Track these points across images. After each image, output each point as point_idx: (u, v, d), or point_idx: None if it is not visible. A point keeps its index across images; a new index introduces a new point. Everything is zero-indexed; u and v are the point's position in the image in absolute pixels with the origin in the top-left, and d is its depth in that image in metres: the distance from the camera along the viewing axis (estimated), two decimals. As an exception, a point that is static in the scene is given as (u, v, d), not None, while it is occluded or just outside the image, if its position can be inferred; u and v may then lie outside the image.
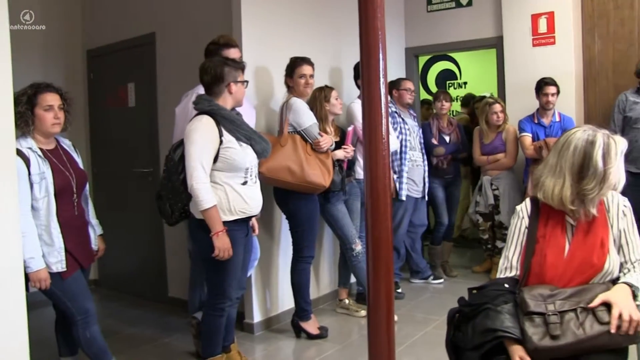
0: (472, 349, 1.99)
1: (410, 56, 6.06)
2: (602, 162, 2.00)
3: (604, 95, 5.00)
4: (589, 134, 2.05)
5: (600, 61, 5.07)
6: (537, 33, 5.17)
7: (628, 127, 4.58)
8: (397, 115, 4.80)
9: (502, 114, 5.03)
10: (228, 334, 3.35)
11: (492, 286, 2.10)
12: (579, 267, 2.05)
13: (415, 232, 5.12)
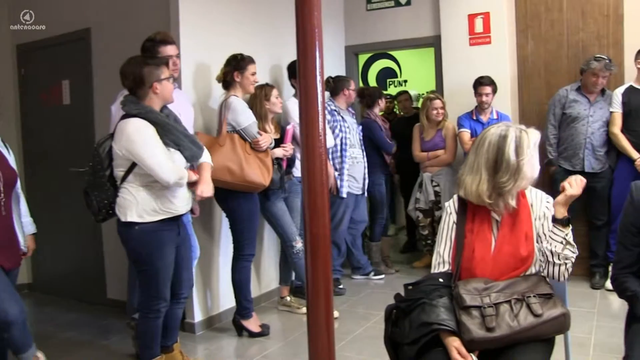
0: (410, 343, 2.02)
1: (350, 54, 6.11)
2: (515, 154, 2.07)
3: (537, 93, 5.17)
4: (502, 129, 2.13)
5: (533, 61, 5.23)
6: (474, 33, 5.30)
7: (565, 124, 4.73)
8: (337, 113, 4.83)
9: (442, 110, 5.14)
10: (171, 333, 3.31)
11: (428, 281, 2.15)
12: (507, 260, 2.11)
13: (356, 228, 5.17)
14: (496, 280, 2.09)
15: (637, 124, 4.48)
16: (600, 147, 4.63)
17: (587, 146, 4.62)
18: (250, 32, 4.58)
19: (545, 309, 1.99)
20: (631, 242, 2.16)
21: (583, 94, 4.68)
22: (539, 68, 5.20)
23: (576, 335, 3.52)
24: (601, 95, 4.68)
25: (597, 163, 4.64)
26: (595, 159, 4.63)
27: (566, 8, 5.08)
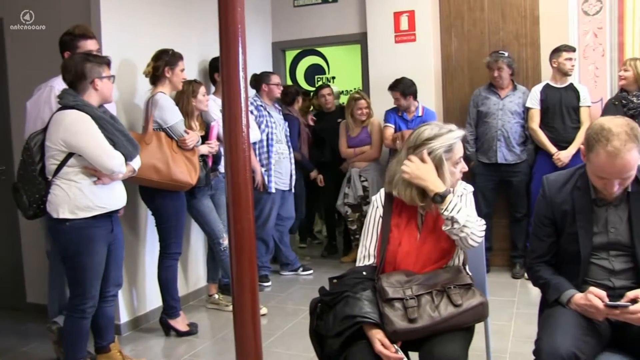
0: (334, 336, 2.04)
1: (277, 51, 6.10)
2: (447, 157, 2.16)
3: (460, 90, 5.32)
4: (431, 128, 2.19)
5: (456, 58, 5.38)
6: (399, 30, 5.40)
7: (480, 121, 4.93)
8: (263, 108, 4.82)
9: (367, 109, 5.23)
10: (105, 333, 3.25)
11: (351, 275, 2.18)
12: (430, 253, 2.17)
13: (283, 224, 5.19)
14: (419, 272, 2.14)
15: (554, 120, 4.70)
16: (513, 139, 4.82)
17: (500, 139, 4.82)
18: (177, 27, 4.48)
19: (465, 299, 2.06)
20: (544, 233, 2.25)
21: (493, 90, 4.90)
22: (462, 65, 5.35)
23: (497, 323, 3.67)
24: (512, 90, 4.89)
25: (510, 155, 4.83)
26: (508, 151, 4.83)
27: (487, 8, 5.25)
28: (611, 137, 1.94)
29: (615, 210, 2.13)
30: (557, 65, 4.73)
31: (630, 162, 1.96)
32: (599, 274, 2.14)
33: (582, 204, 2.15)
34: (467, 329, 2.11)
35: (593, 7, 5.08)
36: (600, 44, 5.05)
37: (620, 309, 1.94)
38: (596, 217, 2.14)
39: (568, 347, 1.88)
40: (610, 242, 2.12)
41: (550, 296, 2.16)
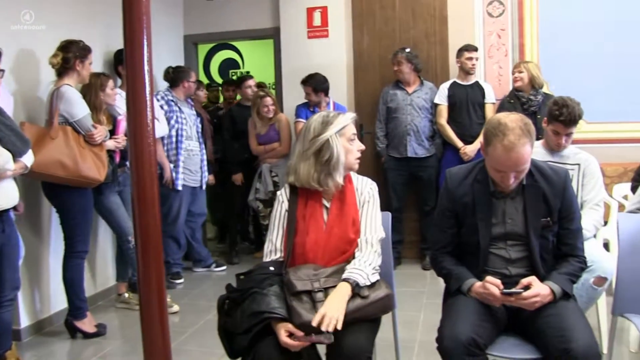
0: (243, 333, 2.03)
1: (189, 44, 5.99)
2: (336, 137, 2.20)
3: (371, 86, 5.41)
4: (323, 115, 2.23)
5: (368, 55, 5.46)
6: (312, 26, 5.43)
7: (390, 117, 5.04)
8: (174, 103, 4.72)
9: (273, 106, 5.20)
10: (3, 340, 3.05)
11: (258, 270, 2.17)
12: (337, 244, 2.20)
13: (194, 221, 5.11)
14: (326, 265, 2.17)
15: (461, 116, 4.88)
16: (423, 134, 4.97)
17: (410, 133, 4.95)
18: (79, 17, 4.29)
19: (371, 291, 2.10)
20: (446, 224, 2.34)
21: (401, 87, 5.03)
22: (374, 62, 5.44)
23: (407, 313, 3.79)
24: (419, 86, 5.04)
25: (420, 149, 4.97)
26: (418, 145, 4.97)
27: (398, 7, 5.37)
28: (507, 132, 2.05)
29: (512, 202, 2.25)
30: (460, 64, 4.94)
31: (524, 156, 2.08)
32: (497, 263, 2.25)
33: (482, 197, 2.25)
34: (373, 321, 2.16)
35: (497, 10, 5.30)
36: (503, 44, 5.29)
37: (515, 296, 2.06)
38: (494, 209, 2.25)
39: (467, 333, 1.98)
40: (507, 233, 2.24)
41: (452, 286, 2.26)
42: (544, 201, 2.22)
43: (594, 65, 5.13)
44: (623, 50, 5.09)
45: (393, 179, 5.04)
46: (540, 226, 2.21)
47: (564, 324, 1.99)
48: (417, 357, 3.22)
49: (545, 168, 2.28)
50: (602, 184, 3.17)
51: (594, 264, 2.72)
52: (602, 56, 5.12)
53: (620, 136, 5.15)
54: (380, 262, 2.21)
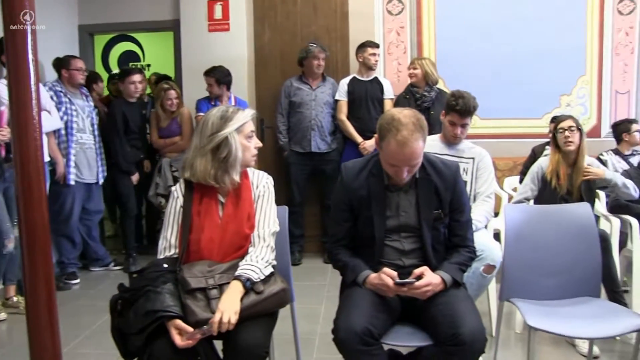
0: (137, 333, 1.98)
1: (84, 35, 5.74)
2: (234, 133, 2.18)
3: (272, 80, 5.40)
4: (222, 110, 2.22)
5: (269, 49, 5.45)
6: (213, 19, 5.35)
7: (293, 111, 5.05)
8: (63, 94, 4.50)
9: (177, 99, 5.09)
10: None
11: (151, 268, 2.12)
12: (232, 239, 2.18)
13: (90, 219, 4.89)
14: (221, 261, 2.15)
15: (361, 111, 4.96)
16: (326, 129, 5.04)
17: (314, 128, 5.00)
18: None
19: (266, 286, 2.10)
20: (342, 217, 2.37)
21: (305, 81, 5.06)
22: (275, 56, 5.44)
23: (308, 306, 3.83)
24: (322, 81, 5.10)
25: (323, 144, 5.04)
26: (321, 140, 5.03)
27: (300, 2, 5.40)
28: (400, 127, 2.11)
29: (406, 195, 2.31)
30: (362, 59, 5.02)
31: (417, 151, 2.14)
32: (391, 254, 2.31)
33: (376, 190, 2.30)
34: (270, 315, 2.16)
35: (396, 8, 5.45)
36: (402, 41, 5.45)
37: (408, 286, 2.12)
38: (389, 202, 2.30)
39: (362, 323, 2.02)
40: (401, 225, 2.30)
41: (348, 278, 2.29)
42: (436, 194, 2.30)
43: (488, 64, 5.40)
44: (515, 50, 5.39)
45: (295, 174, 5.07)
46: (432, 218, 2.29)
47: (454, 310, 2.07)
48: (318, 349, 3.26)
49: (437, 162, 2.36)
50: (494, 177, 3.34)
51: (484, 253, 2.86)
52: (496, 56, 5.40)
53: (511, 132, 5.45)
54: (273, 256, 2.21)
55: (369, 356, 2.03)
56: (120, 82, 5.08)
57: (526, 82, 5.39)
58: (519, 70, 5.39)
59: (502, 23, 5.42)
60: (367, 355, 2.03)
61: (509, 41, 5.42)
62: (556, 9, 5.45)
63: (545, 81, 5.42)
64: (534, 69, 5.42)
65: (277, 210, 2.43)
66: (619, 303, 3.11)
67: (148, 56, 8.30)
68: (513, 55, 5.41)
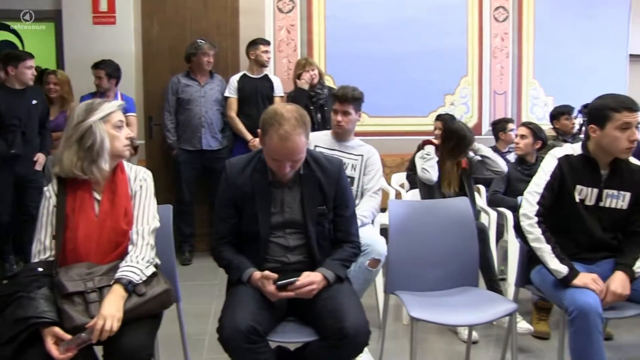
0: (6, 343, 1.84)
1: (-46, 22, 5.34)
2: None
3: (161, 76, 5.22)
4: (87, 103, 2.16)
5: (158, 44, 5.28)
6: (98, 11, 5.14)
7: (182, 108, 4.93)
8: None
9: (57, 86, 4.80)
10: None
11: (24, 273, 2.00)
12: (110, 236, 2.10)
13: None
14: (101, 261, 2.07)
15: (251, 108, 4.92)
16: (216, 126, 4.98)
17: (204, 125, 4.92)
18: None
19: (149, 288, 2.04)
20: (226, 214, 2.34)
21: (193, 78, 4.97)
22: (164, 52, 5.28)
23: (198, 306, 3.77)
24: (211, 78, 5.03)
25: (214, 141, 4.98)
26: (212, 138, 4.97)
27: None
28: (283, 121, 2.12)
29: (290, 192, 2.32)
30: (254, 57, 4.99)
31: (299, 146, 2.15)
32: (276, 251, 2.31)
33: (261, 186, 2.29)
34: (154, 317, 2.10)
35: (287, 6, 5.48)
36: (292, 39, 5.48)
37: (290, 287, 2.13)
38: (273, 198, 2.30)
39: (247, 321, 2.00)
40: (286, 221, 2.31)
41: (233, 276, 2.28)
42: (320, 190, 2.32)
43: (377, 63, 5.56)
44: (402, 50, 5.58)
45: (185, 172, 4.96)
46: (316, 214, 2.30)
47: (338, 305, 2.10)
48: (208, 349, 3.20)
49: (321, 158, 2.38)
50: (382, 174, 3.44)
51: (369, 248, 2.93)
52: (384, 55, 5.57)
53: (399, 129, 5.64)
54: (153, 254, 2.15)
55: (254, 354, 2.03)
56: (12, 67, 4.40)
57: (413, 82, 5.60)
58: (406, 70, 5.59)
59: (390, 24, 5.59)
60: (252, 353, 2.02)
61: (396, 41, 5.60)
62: (440, 13, 5.71)
63: (431, 81, 5.66)
64: (420, 68, 5.64)
65: (162, 208, 2.37)
66: (496, 291, 3.30)
67: (28, 48, 7.82)
68: (400, 55, 5.59)
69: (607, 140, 2.49)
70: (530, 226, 2.53)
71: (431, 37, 5.65)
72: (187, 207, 4.98)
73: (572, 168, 2.57)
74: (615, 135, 2.46)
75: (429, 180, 3.68)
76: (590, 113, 2.60)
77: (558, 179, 2.56)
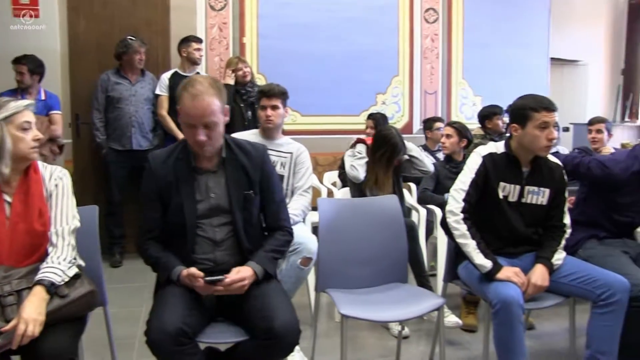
0: None
1: None
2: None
3: (88, 73, 5.05)
4: None
5: (85, 40, 5.12)
6: (19, 3, 4.91)
7: (112, 107, 4.81)
8: None
9: None
10: None
11: None
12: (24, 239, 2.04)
13: None
14: (17, 265, 2.00)
15: (181, 105, 4.87)
16: (147, 126, 4.90)
17: (134, 125, 4.83)
18: None
19: (71, 289, 1.99)
20: (152, 208, 2.28)
21: (124, 76, 4.86)
22: (91, 48, 5.12)
23: (128, 309, 3.70)
24: (142, 76, 4.94)
25: (144, 141, 4.89)
26: (142, 137, 4.88)
27: (119, -9, 5.16)
28: (195, 83, 2.14)
29: (215, 176, 2.28)
30: (186, 54, 4.93)
31: (210, 105, 2.13)
32: (204, 246, 2.26)
33: (184, 173, 2.25)
34: (79, 319, 2.05)
35: (219, 3, 5.43)
36: (224, 37, 5.44)
37: (219, 283, 2.10)
38: (198, 185, 2.26)
39: (175, 322, 1.97)
40: (212, 208, 2.26)
41: (162, 275, 2.23)
42: (245, 174, 2.28)
43: (309, 62, 5.59)
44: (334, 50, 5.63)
45: (115, 172, 4.84)
46: (242, 198, 2.27)
47: (267, 304, 2.10)
48: (137, 352, 3.13)
49: (244, 143, 2.36)
50: (311, 172, 3.44)
51: (301, 246, 2.93)
52: (316, 54, 5.61)
53: (331, 128, 5.68)
54: (75, 254, 2.09)
55: (183, 356, 1.99)
56: None
57: (345, 81, 5.66)
58: (338, 69, 5.64)
59: (322, 23, 5.63)
60: (181, 355, 1.99)
61: (329, 41, 5.64)
62: (372, 13, 5.79)
63: (363, 80, 5.74)
64: (352, 68, 5.71)
65: (88, 209, 2.33)
66: (425, 286, 3.38)
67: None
68: (333, 55, 5.64)
69: (528, 138, 2.60)
70: (456, 222, 2.60)
71: (363, 37, 5.73)
72: (116, 208, 4.87)
73: (496, 166, 2.66)
74: (535, 134, 2.57)
75: (356, 178, 3.73)
76: (513, 113, 2.71)
77: (482, 176, 2.65)
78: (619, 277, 2.49)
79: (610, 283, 2.47)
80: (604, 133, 4.41)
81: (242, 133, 3.47)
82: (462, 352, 3.22)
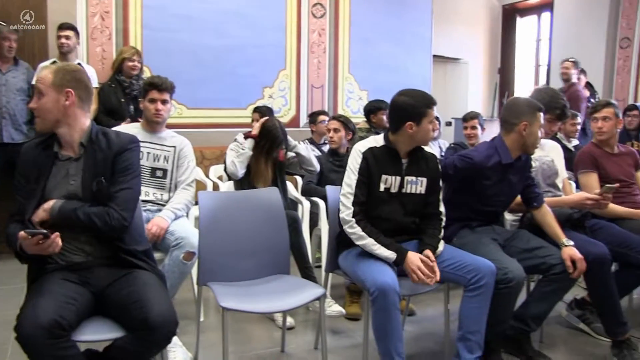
0: None
1: None
2: None
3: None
4: None
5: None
6: None
7: None
8: None
9: None
10: None
11: None
12: None
13: None
14: None
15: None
16: (20, 118, 4.67)
17: (5, 117, 4.60)
18: None
19: None
20: (20, 194, 2.28)
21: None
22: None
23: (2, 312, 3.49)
24: (14, 65, 4.70)
25: (17, 134, 4.67)
26: (15, 130, 4.66)
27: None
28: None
29: (76, 163, 2.27)
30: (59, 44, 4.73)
31: (43, 76, 2.23)
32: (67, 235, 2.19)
33: (48, 161, 2.26)
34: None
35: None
36: (107, 27, 5.25)
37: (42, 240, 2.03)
38: (58, 171, 2.26)
39: (49, 314, 1.92)
40: (70, 194, 2.23)
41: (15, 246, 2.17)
42: (102, 160, 2.26)
43: (195, 55, 5.51)
44: (221, 43, 5.58)
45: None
46: (94, 186, 2.24)
47: (142, 296, 2.08)
48: (11, 357, 2.99)
49: (111, 132, 2.35)
50: (195, 165, 3.42)
51: (183, 240, 2.92)
52: (202, 47, 5.54)
53: (217, 122, 5.65)
54: None
55: (58, 350, 1.93)
56: None
57: (232, 74, 5.64)
58: (225, 63, 5.61)
59: (208, 16, 5.57)
60: (55, 349, 1.92)
61: (216, 34, 5.59)
62: (259, 7, 5.80)
63: (249, 73, 5.74)
64: (239, 61, 5.70)
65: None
66: (309, 278, 3.44)
67: None
68: (220, 48, 5.60)
69: (422, 133, 2.76)
70: (351, 227, 2.69)
71: (250, 30, 5.72)
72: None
73: (377, 159, 2.77)
74: (428, 128, 2.76)
75: (234, 174, 3.75)
76: (407, 111, 2.75)
77: (365, 173, 2.74)
78: (487, 262, 2.68)
79: (479, 268, 2.65)
80: (478, 128, 4.67)
81: (125, 126, 3.43)
82: (345, 340, 3.32)
